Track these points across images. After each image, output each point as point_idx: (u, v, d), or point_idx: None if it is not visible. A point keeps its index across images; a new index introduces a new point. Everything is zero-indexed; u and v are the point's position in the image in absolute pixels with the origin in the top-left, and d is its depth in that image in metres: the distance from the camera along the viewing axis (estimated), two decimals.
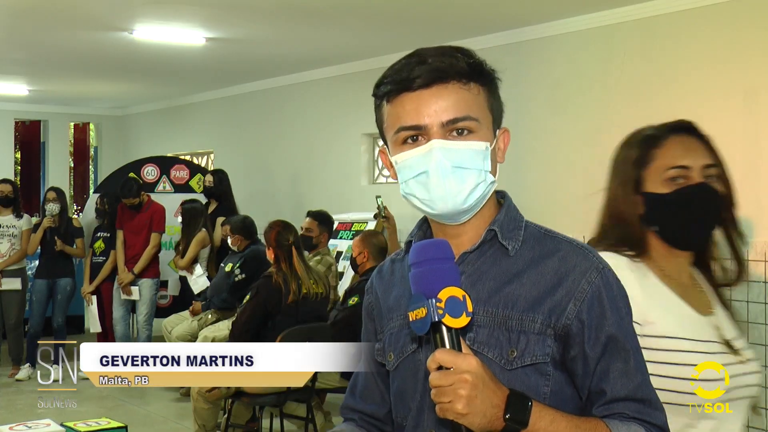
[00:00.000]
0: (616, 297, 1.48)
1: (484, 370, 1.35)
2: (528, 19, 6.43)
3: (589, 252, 1.50)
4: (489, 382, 1.35)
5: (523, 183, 6.35)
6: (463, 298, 1.34)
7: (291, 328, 5.13)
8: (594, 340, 1.44)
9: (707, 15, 5.51)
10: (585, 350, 1.44)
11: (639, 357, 1.48)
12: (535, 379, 1.45)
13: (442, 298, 1.33)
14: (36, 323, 8.00)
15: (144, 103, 12.08)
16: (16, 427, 2.52)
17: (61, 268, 8.01)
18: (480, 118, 1.47)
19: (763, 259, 5.24)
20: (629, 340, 1.47)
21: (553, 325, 1.45)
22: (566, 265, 1.47)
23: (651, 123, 2.18)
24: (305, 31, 7.00)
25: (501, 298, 1.48)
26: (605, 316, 1.45)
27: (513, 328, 1.46)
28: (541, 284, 1.46)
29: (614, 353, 1.45)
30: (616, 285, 1.49)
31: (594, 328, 1.44)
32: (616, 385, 1.44)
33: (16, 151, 12.63)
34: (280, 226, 5.48)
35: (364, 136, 8.47)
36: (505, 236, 1.51)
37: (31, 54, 8.18)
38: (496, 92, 1.53)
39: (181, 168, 9.34)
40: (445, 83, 1.46)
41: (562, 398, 1.46)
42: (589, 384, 1.46)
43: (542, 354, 1.45)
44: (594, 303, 1.45)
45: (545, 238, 1.52)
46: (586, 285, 1.45)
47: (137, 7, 6.26)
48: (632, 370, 1.45)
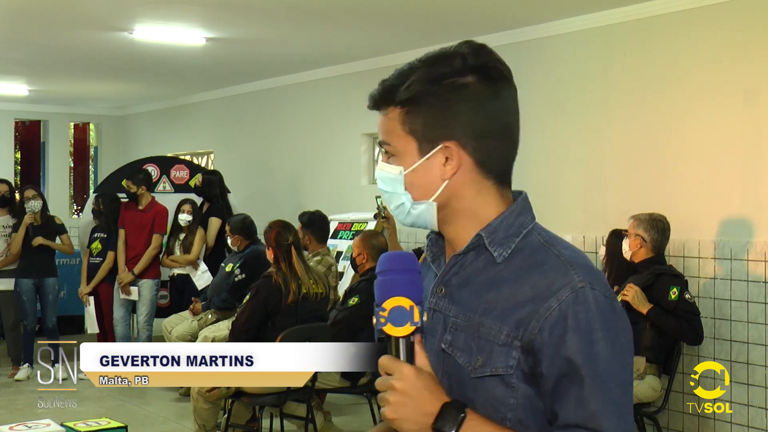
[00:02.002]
0: (590, 319, 1.39)
1: (419, 379, 1.39)
2: (528, 19, 6.43)
3: (573, 269, 1.43)
4: (422, 391, 1.38)
5: (522, 182, 6.30)
6: (410, 309, 1.40)
7: (291, 328, 5.13)
8: (550, 361, 1.40)
9: (707, 15, 5.51)
10: (542, 369, 1.41)
11: (606, 385, 1.39)
12: (501, 390, 1.43)
13: (386, 308, 1.41)
14: (31, 321, 7.99)
15: (144, 103, 12.08)
16: (16, 427, 2.52)
17: (45, 267, 7.96)
18: (395, 143, 1.51)
19: (763, 259, 5.24)
20: (592, 366, 1.38)
21: (520, 338, 1.42)
22: (544, 280, 1.43)
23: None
24: (305, 31, 7.01)
25: (480, 305, 1.47)
26: (565, 338, 1.39)
27: (482, 336, 1.45)
28: (517, 296, 1.44)
29: (571, 377, 1.39)
30: (596, 306, 1.40)
31: (552, 348, 1.40)
32: (569, 411, 1.39)
33: (16, 151, 12.63)
34: (280, 226, 5.48)
35: (364, 136, 8.47)
36: (494, 243, 1.49)
37: (31, 54, 8.18)
38: (428, 110, 1.48)
39: (181, 168, 9.34)
40: (379, 109, 1.53)
41: (533, 412, 1.43)
42: (547, 404, 1.43)
43: (504, 366, 1.43)
44: (558, 323, 1.40)
45: (540, 250, 1.48)
46: (554, 303, 1.41)
47: (137, 7, 6.26)
48: (587, 398, 1.38)
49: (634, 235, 5.19)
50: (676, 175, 5.71)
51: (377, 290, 1.44)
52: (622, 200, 5.94)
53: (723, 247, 5.45)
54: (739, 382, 5.33)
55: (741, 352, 5.34)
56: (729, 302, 5.42)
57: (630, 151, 5.99)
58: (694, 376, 5.02)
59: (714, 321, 5.45)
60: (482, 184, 1.51)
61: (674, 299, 4.96)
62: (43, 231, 7.91)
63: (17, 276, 7.92)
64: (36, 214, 7.82)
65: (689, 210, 5.57)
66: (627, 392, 1.42)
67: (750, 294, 5.31)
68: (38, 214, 7.84)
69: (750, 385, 5.30)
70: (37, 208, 7.83)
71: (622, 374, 1.41)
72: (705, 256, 5.54)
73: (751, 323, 5.30)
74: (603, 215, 6.06)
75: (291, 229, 5.51)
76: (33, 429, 2.46)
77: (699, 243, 5.56)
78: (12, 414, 6.54)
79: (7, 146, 12.13)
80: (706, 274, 5.53)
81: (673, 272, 5.12)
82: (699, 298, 5.45)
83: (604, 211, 6.11)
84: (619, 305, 1.46)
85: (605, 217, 5.99)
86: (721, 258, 5.46)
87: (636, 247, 5.19)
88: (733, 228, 5.40)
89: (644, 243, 5.17)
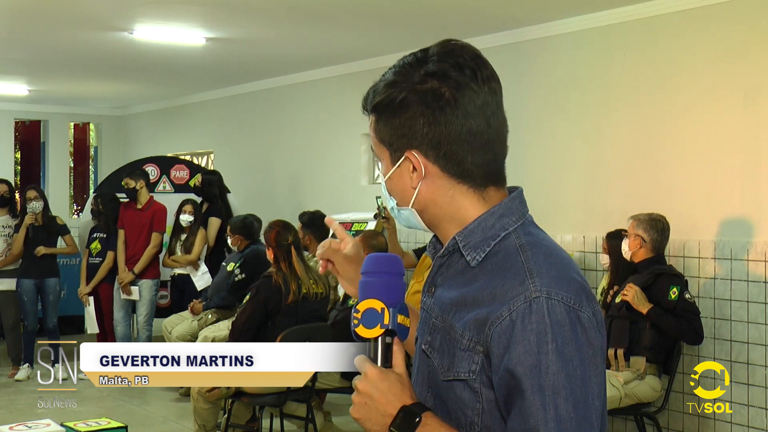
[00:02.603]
0: (541, 331, 1.34)
1: (382, 380, 1.41)
2: (528, 19, 6.43)
3: (532, 278, 1.39)
4: (384, 392, 1.40)
5: (522, 183, 6.30)
6: (381, 311, 1.43)
7: (291, 328, 5.13)
8: (496, 370, 1.38)
9: (707, 15, 5.52)
10: (491, 377, 1.40)
11: (547, 398, 1.33)
12: (467, 395, 1.42)
13: (360, 309, 1.44)
14: (32, 321, 7.99)
15: (144, 103, 12.08)
16: (16, 427, 2.52)
17: (47, 267, 7.97)
18: (375, 150, 1.54)
19: (763, 259, 5.24)
20: (537, 378, 1.33)
21: (482, 343, 1.40)
22: (503, 286, 1.40)
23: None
24: (305, 31, 7.01)
25: (453, 308, 1.46)
26: (509, 348, 1.35)
27: (451, 340, 1.45)
28: (478, 301, 1.42)
29: (512, 388, 1.36)
30: (549, 318, 1.35)
31: (498, 358, 1.37)
32: (513, 422, 1.36)
33: (16, 151, 12.63)
34: (280, 226, 5.48)
35: (364, 136, 8.47)
36: (468, 246, 1.47)
37: (31, 54, 8.18)
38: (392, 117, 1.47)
39: (181, 168, 9.34)
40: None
41: (500, 418, 1.40)
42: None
43: (466, 371, 1.41)
44: (505, 332, 1.36)
45: (512, 254, 1.44)
46: (505, 312, 1.37)
47: (137, 7, 6.26)
48: (528, 411, 1.33)
49: (634, 235, 5.20)
50: (676, 175, 5.71)
51: (359, 291, 1.47)
52: (622, 200, 5.94)
53: (723, 247, 5.45)
54: (739, 382, 5.33)
55: (741, 352, 5.34)
56: (729, 302, 5.42)
57: (630, 151, 5.99)
58: (694, 376, 5.02)
59: (714, 321, 5.45)
60: (455, 189, 1.48)
61: (674, 299, 4.96)
62: (44, 232, 7.91)
63: (19, 276, 7.93)
64: (37, 214, 7.82)
65: (689, 210, 5.57)
66: (580, 407, 1.34)
67: (750, 294, 5.31)
68: (39, 214, 7.84)
69: (750, 385, 5.30)
70: (38, 209, 7.83)
71: (574, 388, 1.34)
72: (705, 256, 5.54)
73: (751, 323, 5.30)
74: (603, 215, 6.06)
75: (291, 229, 5.52)
76: (33, 429, 2.46)
77: (699, 243, 5.56)
78: (12, 414, 6.54)
79: (7, 146, 12.13)
80: (706, 274, 5.53)
81: (673, 272, 5.12)
82: (699, 298, 5.45)
83: (604, 211, 6.11)
84: (583, 316, 1.38)
85: (605, 217, 5.98)
86: (721, 258, 5.46)
87: (636, 248, 5.19)
88: (733, 228, 5.40)
89: (644, 243, 5.17)
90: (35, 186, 8.26)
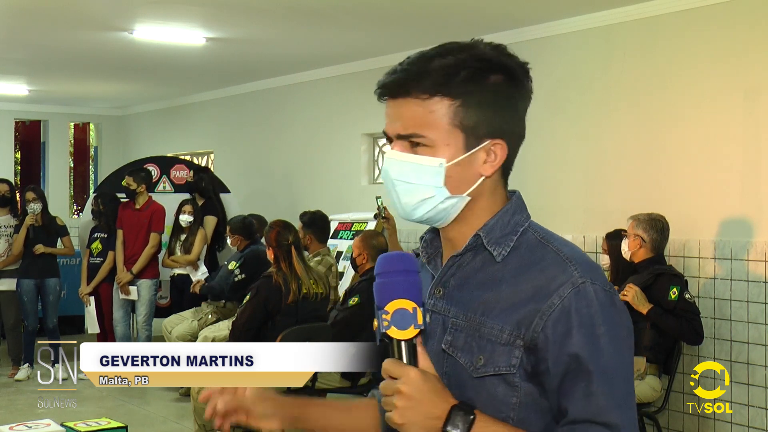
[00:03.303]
0: (592, 314, 1.41)
1: (424, 382, 1.37)
2: (528, 19, 6.43)
3: (572, 265, 1.44)
4: (428, 394, 1.37)
5: (522, 183, 6.33)
6: (413, 311, 1.38)
7: (291, 328, 5.13)
8: (556, 358, 1.41)
9: (707, 15, 5.51)
10: (549, 367, 1.41)
11: (612, 379, 1.40)
12: (502, 390, 1.44)
13: (389, 311, 1.39)
14: (32, 321, 7.99)
15: (144, 103, 12.08)
16: (16, 427, 2.52)
17: (47, 267, 7.96)
18: (431, 135, 1.46)
19: (763, 259, 5.24)
20: (599, 360, 1.40)
21: (522, 337, 1.43)
22: (544, 277, 1.44)
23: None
24: (305, 31, 7.01)
25: (480, 305, 1.47)
26: (570, 334, 1.40)
27: (484, 336, 1.45)
28: (517, 294, 1.45)
29: (578, 373, 1.40)
30: (598, 301, 1.42)
31: (557, 345, 1.41)
32: (578, 406, 1.40)
33: (16, 151, 12.63)
34: (280, 226, 5.48)
35: (364, 136, 8.47)
36: (492, 242, 1.49)
37: (31, 54, 8.18)
38: (482, 104, 1.47)
39: (181, 168, 9.34)
40: (405, 97, 1.47)
41: (536, 411, 1.44)
42: (554, 401, 1.43)
43: (506, 365, 1.43)
44: (561, 319, 1.40)
45: (537, 247, 1.48)
46: (556, 300, 1.41)
47: (137, 7, 6.26)
48: (596, 393, 1.39)
49: (633, 235, 5.20)
50: (676, 175, 5.71)
51: (377, 292, 1.42)
52: (622, 200, 5.94)
53: (723, 247, 5.45)
54: (739, 382, 5.33)
55: (741, 352, 5.34)
56: (729, 302, 5.42)
57: (630, 151, 5.99)
58: (694, 376, 5.02)
59: (714, 321, 5.45)
60: (498, 183, 1.53)
61: (674, 299, 4.96)
62: (44, 232, 7.91)
63: (19, 276, 7.93)
64: (37, 215, 7.83)
65: (689, 210, 5.57)
66: (630, 385, 1.43)
67: (750, 294, 5.31)
68: (39, 215, 7.84)
69: (750, 385, 5.30)
70: (37, 211, 7.84)
71: (624, 368, 1.43)
72: (705, 256, 5.54)
73: (751, 323, 5.30)
74: (603, 215, 6.06)
75: (291, 229, 5.51)
76: (33, 429, 2.46)
77: (699, 243, 5.56)
78: (12, 414, 6.54)
79: (7, 146, 12.13)
80: (706, 274, 5.53)
81: (673, 272, 5.12)
82: (699, 298, 5.45)
83: (604, 211, 6.11)
84: (618, 299, 1.47)
85: (605, 217, 5.98)
86: (721, 258, 5.46)
87: (635, 248, 5.19)
88: (733, 228, 5.40)
89: (643, 243, 5.17)
90: (34, 187, 8.26)
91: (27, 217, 7.83)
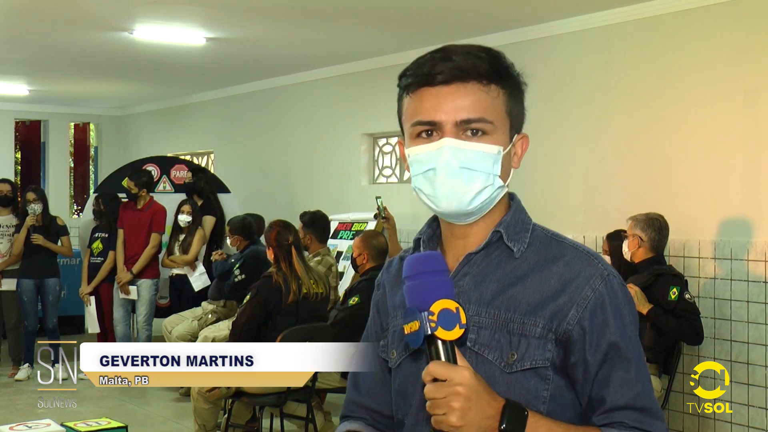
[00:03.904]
0: (621, 304, 1.47)
1: (478, 382, 1.36)
2: (528, 19, 6.43)
3: (594, 258, 1.50)
4: (483, 394, 1.36)
5: (523, 182, 6.34)
6: (456, 311, 1.36)
7: (291, 328, 5.13)
8: (595, 348, 1.44)
9: (707, 15, 5.51)
10: (586, 357, 1.44)
11: (641, 366, 1.47)
12: (534, 383, 1.45)
13: (435, 311, 1.35)
14: (32, 321, 7.99)
15: (144, 103, 12.09)
16: (16, 427, 2.52)
17: (47, 267, 7.96)
18: (495, 121, 1.47)
19: (763, 259, 5.24)
20: (631, 348, 1.46)
21: (555, 330, 1.45)
22: (571, 270, 1.47)
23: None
24: (305, 31, 7.01)
25: (504, 301, 1.48)
26: (607, 324, 1.45)
27: (514, 331, 1.46)
28: (545, 289, 1.47)
29: (615, 361, 1.44)
30: (621, 292, 1.48)
31: (595, 335, 1.44)
32: (617, 394, 1.44)
33: (16, 151, 12.63)
34: (280, 226, 5.47)
35: (364, 136, 8.47)
36: (511, 238, 1.51)
37: (31, 54, 8.18)
38: (518, 97, 1.53)
39: (181, 168, 9.34)
40: (464, 82, 1.46)
41: (562, 403, 1.46)
42: (589, 391, 1.45)
43: (542, 358, 1.45)
44: (596, 310, 1.45)
45: (551, 242, 1.52)
46: (589, 292, 1.45)
47: (137, 7, 6.26)
48: (633, 379, 1.45)
49: (632, 235, 5.20)
50: (676, 175, 5.71)
51: (414, 294, 1.38)
52: (622, 200, 5.94)
53: (723, 247, 5.45)
54: (739, 382, 5.33)
55: (741, 352, 5.34)
56: (729, 302, 5.42)
57: (630, 151, 5.99)
58: (694, 376, 5.02)
59: (714, 321, 5.45)
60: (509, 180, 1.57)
61: (674, 299, 4.96)
62: (45, 232, 7.91)
63: (19, 276, 7.93)
64: (38, 215, 7.83)
65: (689, 210, 5.57)
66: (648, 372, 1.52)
67: (750, 294, 5.31)
68: (40, 215, 7.85)
69: (750, 385, 5.30)
70: (38, 211, 7.84)
71: (643, 356, 1.51)
72: (705, 256, 5.54)
73: (751, 323, 5.30)
74: (603, 215, 6.06)
75: (291, 228, 5.51)
76: (33, 429, 2.46)
77: (699, 243, 5.56)
78: (12, 414, 6.53)
79: (7, 146, 12.13)
80: (706, 274, 5.53)
81: (672, 272, 5.12)
82: (699, 298, 5.45)
83: (604, 211, 6.11)
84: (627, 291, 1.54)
85: (605, 217, 5.98)
86: (721, 258, 5.46)
87: (635, 248, 5.19)
88: (733, 228, 5.40)
89: (642, 243, 5.17)
90: (35, 187, 8.26)
91: (27, 217, 7.83)
